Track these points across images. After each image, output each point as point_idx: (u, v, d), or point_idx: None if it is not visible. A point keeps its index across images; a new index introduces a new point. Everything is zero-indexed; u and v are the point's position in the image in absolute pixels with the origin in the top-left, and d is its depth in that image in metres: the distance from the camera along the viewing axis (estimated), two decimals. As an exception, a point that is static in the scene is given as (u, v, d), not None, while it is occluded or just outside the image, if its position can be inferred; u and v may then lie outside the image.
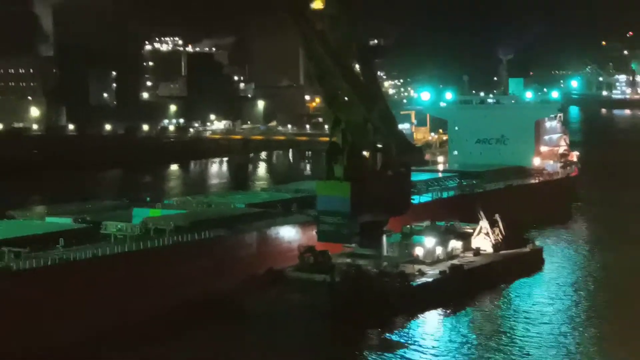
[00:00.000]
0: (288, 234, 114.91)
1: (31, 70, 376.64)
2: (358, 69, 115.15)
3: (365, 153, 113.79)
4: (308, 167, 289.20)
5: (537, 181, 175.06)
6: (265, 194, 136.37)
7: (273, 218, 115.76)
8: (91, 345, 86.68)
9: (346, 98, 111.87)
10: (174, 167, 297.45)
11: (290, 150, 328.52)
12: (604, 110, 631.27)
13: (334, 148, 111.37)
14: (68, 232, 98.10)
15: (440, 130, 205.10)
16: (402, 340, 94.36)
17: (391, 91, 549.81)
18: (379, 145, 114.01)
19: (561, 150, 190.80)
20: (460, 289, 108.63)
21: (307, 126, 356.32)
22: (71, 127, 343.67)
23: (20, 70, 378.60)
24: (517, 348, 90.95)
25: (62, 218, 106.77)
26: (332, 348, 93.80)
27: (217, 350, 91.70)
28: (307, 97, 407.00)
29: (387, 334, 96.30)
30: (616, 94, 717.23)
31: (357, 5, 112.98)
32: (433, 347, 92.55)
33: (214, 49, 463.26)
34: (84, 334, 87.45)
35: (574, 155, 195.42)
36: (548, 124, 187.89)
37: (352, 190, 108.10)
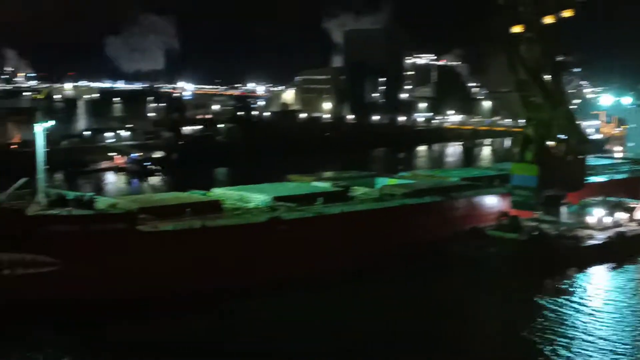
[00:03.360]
0: (489, 201, 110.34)
1: (328, 77, 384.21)
2: (550, 79, 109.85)
3: (550, 143, 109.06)
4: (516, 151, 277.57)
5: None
6: (476, 170, 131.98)
7: (479, 189, 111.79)
8: (344, 273, 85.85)
9: (537, 101, 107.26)
10: (422, 147, 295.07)
11: (507, 138, 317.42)
12: None
13: (526, 139, 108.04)
14: (326, 194, 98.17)
15: (623, 127, 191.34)
16: (570, 287, 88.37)
17: (589, 96, 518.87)
18: (561, 137, 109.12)
19: None
20: (622, 251, 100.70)
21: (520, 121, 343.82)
22: (350, 117, 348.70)
23: (321, 77, 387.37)
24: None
25: (324, 183, 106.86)
26: (517, 287, 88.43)
27: (432, 278, 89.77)
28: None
29: (560, 281, 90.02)
30: None
31: (550, 30, 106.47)
32: (595, 293, 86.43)
33: (459, 62, 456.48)
34: (333, 266, 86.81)
35: None
36: None
37: (539, 170, 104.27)
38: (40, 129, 78.42)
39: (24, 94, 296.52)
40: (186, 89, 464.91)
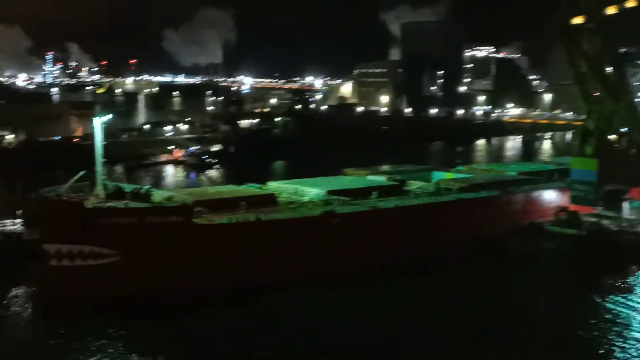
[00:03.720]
0: (548, 196, 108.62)
1: (385, 70, 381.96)
2: (612, 71, 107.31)
3: (611, 137, 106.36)
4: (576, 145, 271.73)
5: None
6: (535, 165, 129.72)
7: (537, 183, 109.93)
8: (398, 267, 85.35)
9: (598, 94, 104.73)
10: (480, 141, 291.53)
11: (569, 131, 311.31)
12: None
13: (586, 132, 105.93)
14: (381, 187, 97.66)
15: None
16: (630, 285, 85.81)
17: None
18: (623, 131, 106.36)
19: None
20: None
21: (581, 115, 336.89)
22: (408, 110, 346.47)
23: (378, 70, 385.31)
24: None
25: (379, 176, 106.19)
26: (575, 282, 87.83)
27: (488, 274, 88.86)
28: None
29: (619, 277, 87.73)
30: None
31: (612, 21, 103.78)
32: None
33: (518, 55, 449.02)
34: (387, 261, 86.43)
35: None
36: None
37: (599, 165, 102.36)
38: (98, 123, 79.62)
39: (86, 88, 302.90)
40: (245, 82, 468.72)
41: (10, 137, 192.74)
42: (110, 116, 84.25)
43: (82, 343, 65.69)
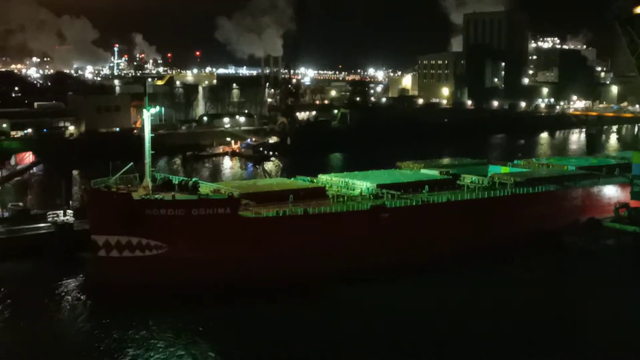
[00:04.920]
0: (608, 192, 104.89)
1: (446, 62, 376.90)
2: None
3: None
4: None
5: None
6: (595, 159, 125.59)
7: (597, 178, 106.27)
8: (448, 261, 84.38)
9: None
10: (544, 134, 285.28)
11: (637, 125, 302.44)
12: None
13: None
14: (433, 182, 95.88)
15: None
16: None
17: None
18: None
19: None
20: None
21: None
22: (469, 102, 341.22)
23: (439, 62, 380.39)
24: None
25: (432, 170, 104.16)
26: (636, 282, 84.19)
27: (543, 268, 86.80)
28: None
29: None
30: None
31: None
32: None
33: (584, 46, 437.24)
34: (438, 255, 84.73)
35: None
36: None
37: None
38: (147, 115, 79.88)
39: (148, 80, 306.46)
40: (307, 74, 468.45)
41: (71, 128, 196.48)
42: (158, 108, 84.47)
43: (131, 330, 66.32)
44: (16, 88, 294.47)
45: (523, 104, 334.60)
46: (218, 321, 68.33)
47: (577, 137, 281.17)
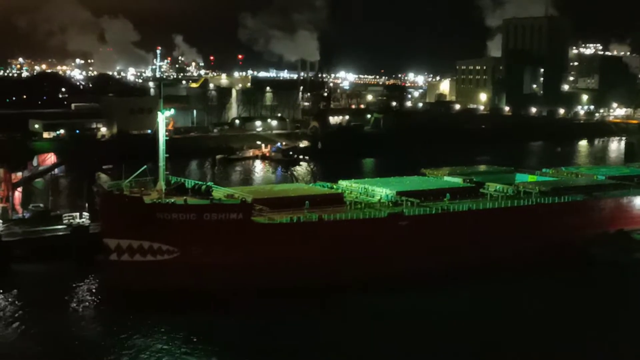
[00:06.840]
0: (639, 202, 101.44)
1: (484, 67, 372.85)
2: None
3: None
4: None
5: None
6: (627, 168, 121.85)
7: (627, 189, 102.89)
8: (469, 272, 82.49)
9: None
10: (582, 142, 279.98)
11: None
12: None
13: None
14: (455, 189, 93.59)
15: None
16: None
17: None
18: None
19: None
20: None
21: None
22: (507, 108, 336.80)
23: (477, 67, 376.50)
24: None
25: (456, 178, 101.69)
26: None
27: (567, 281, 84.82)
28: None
29: None
30: None
31: None
32: None
33: (628, 53, 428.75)
34: (457, 265, 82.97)
35: None
36: None
37: None
38: (162, 118, 79.16)
39: (183, 82, 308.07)
40: (346, 78, 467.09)
41: (103, 129, 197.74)
42: (172, 111, 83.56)
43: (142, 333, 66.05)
44: (63, 89, 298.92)
45: (562, 111, 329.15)
46: (230, 327, 67.69)
47: (616, 146, 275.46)
